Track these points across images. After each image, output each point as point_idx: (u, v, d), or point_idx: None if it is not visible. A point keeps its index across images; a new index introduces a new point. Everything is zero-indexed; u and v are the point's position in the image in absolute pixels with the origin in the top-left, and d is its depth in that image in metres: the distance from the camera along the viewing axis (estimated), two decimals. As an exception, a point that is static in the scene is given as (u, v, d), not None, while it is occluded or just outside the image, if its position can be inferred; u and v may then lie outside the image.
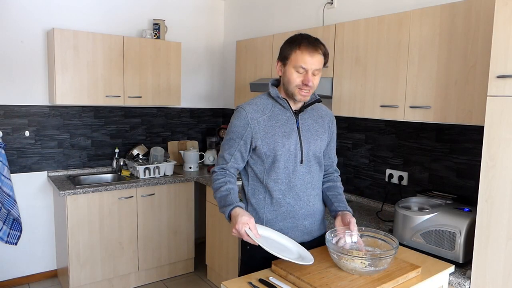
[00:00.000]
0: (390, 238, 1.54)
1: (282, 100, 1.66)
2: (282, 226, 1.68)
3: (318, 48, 1.57)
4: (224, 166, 1.69)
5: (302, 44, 1.56)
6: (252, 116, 1.63)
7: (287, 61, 1.60)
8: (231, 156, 1.67)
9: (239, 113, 1.66)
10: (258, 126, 1.63)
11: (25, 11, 3.15)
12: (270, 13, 3.61)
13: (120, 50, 3.29)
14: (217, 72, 4.30)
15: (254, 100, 1.70)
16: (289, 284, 1.40)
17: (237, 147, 1.66)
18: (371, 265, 1.40)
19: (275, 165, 1.64)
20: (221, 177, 1.68)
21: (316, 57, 1.56)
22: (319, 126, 1.75)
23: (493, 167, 1.48)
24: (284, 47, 1.63)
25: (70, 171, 3.47)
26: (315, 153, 1.72)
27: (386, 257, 1.40)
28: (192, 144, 4.06)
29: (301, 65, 1.56)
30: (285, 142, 1.64)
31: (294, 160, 1.66)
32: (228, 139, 1.68)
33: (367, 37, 2.30)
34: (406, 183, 2.50)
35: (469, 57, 1.83)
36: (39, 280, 3.40)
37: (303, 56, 1.56)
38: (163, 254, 3.45)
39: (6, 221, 3.08)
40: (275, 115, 1.66)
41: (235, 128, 1.65)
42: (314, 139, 1.71)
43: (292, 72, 1.59)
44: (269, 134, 1.63)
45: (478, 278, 1.55)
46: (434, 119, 1.98)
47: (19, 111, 3.20)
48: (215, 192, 1.67)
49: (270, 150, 1.63)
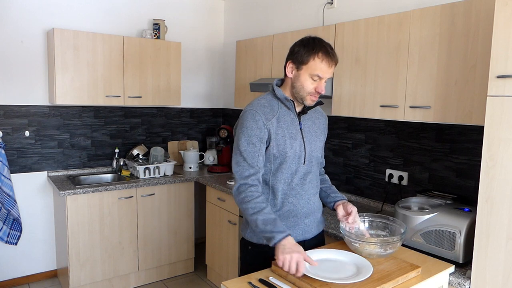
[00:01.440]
0: (397, 223, 1.69)
1: (290, 103, 1.65)
2: (284, 225, 1.66)
3: (334, 58, 1.59)
4: (256, 175, 1.60)
5: (321, 53, 1.56)
6: (266, 117, 1.61)
7: (302, 66, 1.58)
8: (257, 162, 1.60)
9: (253, 116, 1.60)
10: (272, 128, 1.61)
11: (25, 11, 3.15)
12: (270, 13, 3.61)
13: (120, 50, 3.29)
14: (217, 72, 4.30)
15: (260, 101, 1.66)
16: (289, 284, 1.40)
17: (259, 152, 1.61)
18: (392, 248, 1.55)
19: (282, 166, 1.65)
20: (258, 194, 1.57)
21: (332, 67, 1.59)
22: (317, 127, 1.78)
23: (493, 167, 1.48)
24: (300, 51, 1.59)
25: (70, 171, 3.47)
26: (316, 154, 1.74)
27: (395, 241, 1.55)
28: (192, 144, 4.06)
29: (318, 74, 1.57)
30: (292, 143, 1.64)
31: (298, 161, 1.67)
32: (247, 144, 1.59)
33: (367, 37, 2.30)
34: (406, 183, 2.50)
35: (469, 57, 1.83)
36: (39, 280, 3.40)
37: (321, 66, 1.56)
38: (163, 254, 3.45)
39: (6, 221, 3.08)
40: (282, 116, 1.65)
41: (253, 132, 1.59)
42: (314, 140, 1.74)
43: (307, 79, 1.58)
44: (279, 136, 1.62)
45: (478, 278, 1.55)
46: (434, 119, 1.98)
47: (19, 111, 3.20)
48: (256, 213, 1.53)
49: (279, 151, 1.63)
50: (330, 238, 2.18)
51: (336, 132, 2.95)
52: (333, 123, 2.96)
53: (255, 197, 1.56)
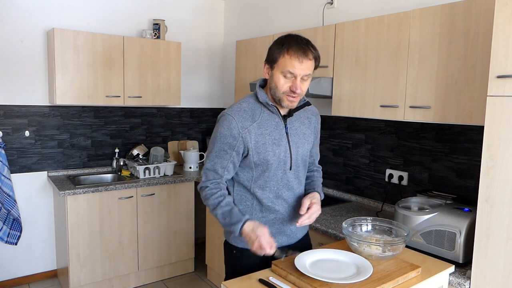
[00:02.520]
0: (400, 227, 1.69)
1: (272, 107, 1.57)
2: (270, 231, 1.55)
3: (308, 52, 1.47)
4: (218, 181, 1.58)
5: (291, 48, 1.46)
6: (243, 125, 1.53)
7: (274, 64, 1.51)
8: (224, 169, 1.57)
9: (228, 122, 1.53)
10: (249, 136, 1.53)
11: (25, 11, 3.15)
12: (270, 13, 3.61)
13: (120, 50, 3.29)
14: (217, 72, 4.30)
15: (241, 105, 1.59)
16: (289, 284, 1.40)
17: (229, 159, 1.55)
18: (390, 250, 1.54)
19: (265, 174, 1.59)
20: (216, 190, 1.57)
21: (305, 62, 1.47)
22: (306, 128, 1.70)
23: (493, 167, 1.48)
24: (272, 49, 1.52)
25: (70, 171, 3.47)
26: (303, 157, 1.68)
27: (397, 243, 1.55)
28: (192, 144, 4.06)
29: (289, 70, 1.46)
30: (275, 150, 1.57)
31: (284, 167, 1.61)
32: (217, 150, 1.56)
33: (367, 37, 2.30)
34: (406, 183, 2.50)
35: (469, 57, 1.83)
36: (39, 280, 3.40)
37: (292, 61, 1.45)
38: (163, 254, 3.45)
39: (6, 221, 3.08)
40: (264, 121, 1.57)
41: (226, 139, 1.53)
42: (302, 142, 1.66)
43: (280, 78, 1.49)
44: (260, 143, 1.55)
45: (478, 278, 1.55)
46: (434, 119, 1.98)
47: (19, 111, 3.20)
48: (215, 209, 1.56)
49: (260, 159, 1.56)
50: (330, 238, 2.19)
51: (336, 132, 2.95)
52: (333, 123, 2.96)
53: (213, 193, 1.57)
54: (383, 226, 1.73)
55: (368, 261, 1.49)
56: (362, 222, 1.74)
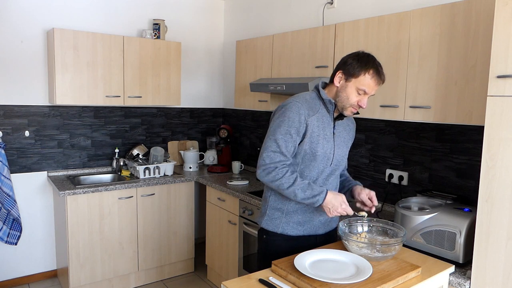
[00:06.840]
0: (398, 228, 1.71)
1: (332, 106, 1.71)
2: (300, 219, 1.76)
3: (383, 78, 1.66)
4: (286, 163, 1.67)
5: (372, 70, 1.62)
6: (308, 113, 1.67)
7: (351, 78, 1.65)
8: (288, 152, 1.67)
9: (297, 107, 1.66)
10: (311, 124, 1.67)
11: (25, 11, 3.15)
12: (270, 13, 3.61)
13: (120, 50, 3.29)
14: (217, 72, 4.30)
15: (304, 97, 1.73)
16: (289, 284, 1.40)
17: (293, 143, 1.67)
18: (379, 251, 1.55)
19: (311, 164, 1.71)
20: (286, 169, 1.65)
21: (378, 86, 1.67)
22: (347, 133, 1.85)
23: (493, 167, 1.48)
24: (353, 64, 1.65)
25: (70, 171, 3.47)
26: (342, 158, 1.81)
27: (393, 244, 1.55)
28: (192, 144, 4.06)
29: (365, 89, 1.63)
30: (325, 144, 1.71)
31: (326, 163, 1.74)
32: (284, 133, 1.65)
33: (367, 37, 2.30)
34: (406, 183, 2.50)
35: (469, 57, 1.83)
36: (39, 280, 3.40)
37: (370, 82, 1.63)
38: (163, 254, 3.45)
39: (6, 221, 3.08)
40: (321, 116, 1.71)
41: (294, 123, 1.65)
42: (342, 145, 1.81)
43: (353, 91, 1.65)
44: (315, 134, 1.69)
45: (478, 278, 1.55)
46: (434, 119, 1.98)
47: (19, 111, 3.20)
48: (292, 185, 1.63)
49: (311, 149, 1.69)
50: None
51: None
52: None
53: (285, 173, 1.64)
54: (379, 227, 1.77)
55: (368, 261, 1.49)
56: (359, 222, 1.79)
